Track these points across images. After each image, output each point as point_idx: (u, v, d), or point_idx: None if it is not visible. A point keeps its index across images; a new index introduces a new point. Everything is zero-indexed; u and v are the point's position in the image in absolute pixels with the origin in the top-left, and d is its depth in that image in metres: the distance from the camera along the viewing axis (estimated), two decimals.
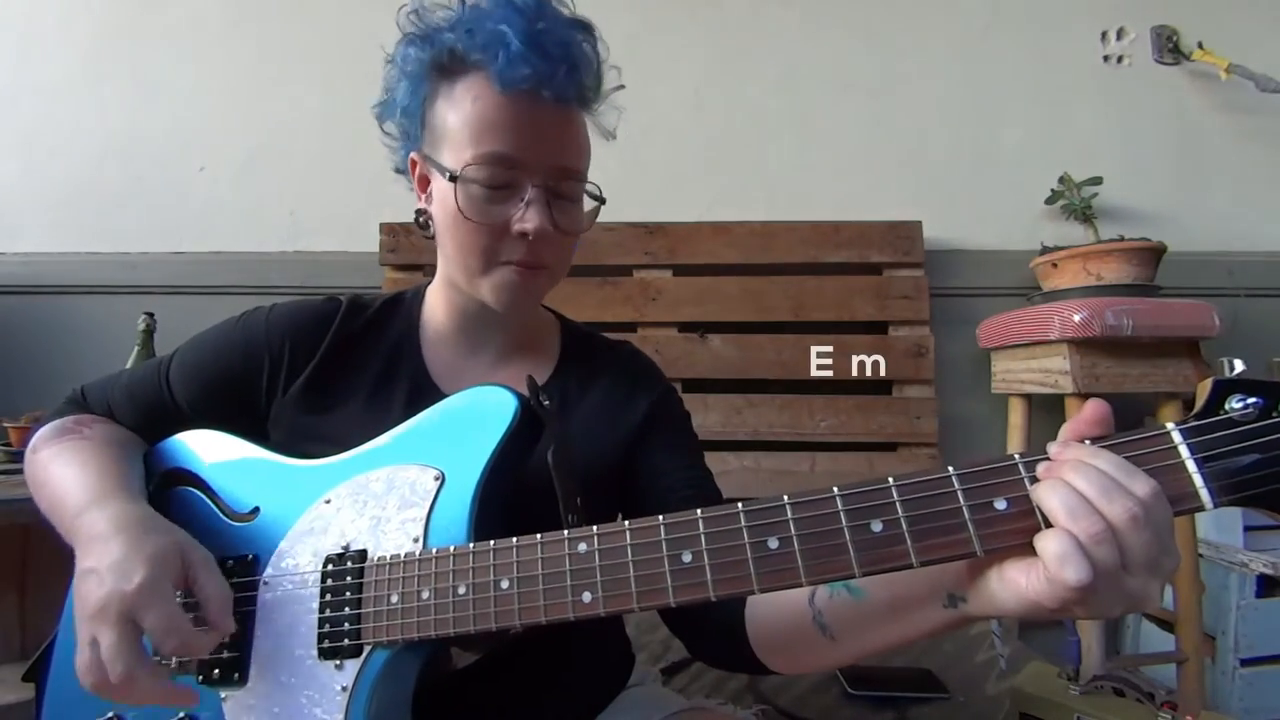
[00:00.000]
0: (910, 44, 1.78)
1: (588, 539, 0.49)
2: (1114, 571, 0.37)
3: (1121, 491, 0.38)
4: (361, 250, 1.70)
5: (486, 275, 0.64)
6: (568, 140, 0.64)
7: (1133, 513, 0.37)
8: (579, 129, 0.65)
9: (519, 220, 0.61)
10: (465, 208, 0.61)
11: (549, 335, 0.77)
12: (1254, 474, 0.37)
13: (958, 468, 0.42)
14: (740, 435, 1.59)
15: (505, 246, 0.63)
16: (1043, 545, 0.38)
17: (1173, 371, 1.37)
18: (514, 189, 0.62)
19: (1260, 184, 1.74)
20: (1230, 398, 0.39)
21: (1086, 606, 0.38)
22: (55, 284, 1.72)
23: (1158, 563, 0.38)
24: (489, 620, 0.50)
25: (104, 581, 0.50)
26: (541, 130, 0.62)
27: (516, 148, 0.61)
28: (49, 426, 0.69)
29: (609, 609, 0.48)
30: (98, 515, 0.55)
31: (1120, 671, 1.00)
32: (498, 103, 0.60)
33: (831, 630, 0.52)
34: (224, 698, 0.57)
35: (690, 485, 0.69)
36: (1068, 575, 0.37)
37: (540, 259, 0.64)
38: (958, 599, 0.45)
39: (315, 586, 0.57)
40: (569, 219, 0.65)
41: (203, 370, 0.70)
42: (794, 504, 0.45)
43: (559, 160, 0.63)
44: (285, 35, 1.78)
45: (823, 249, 1.66)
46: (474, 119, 0.61)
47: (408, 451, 0.60)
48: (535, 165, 0.62)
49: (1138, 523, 0.37)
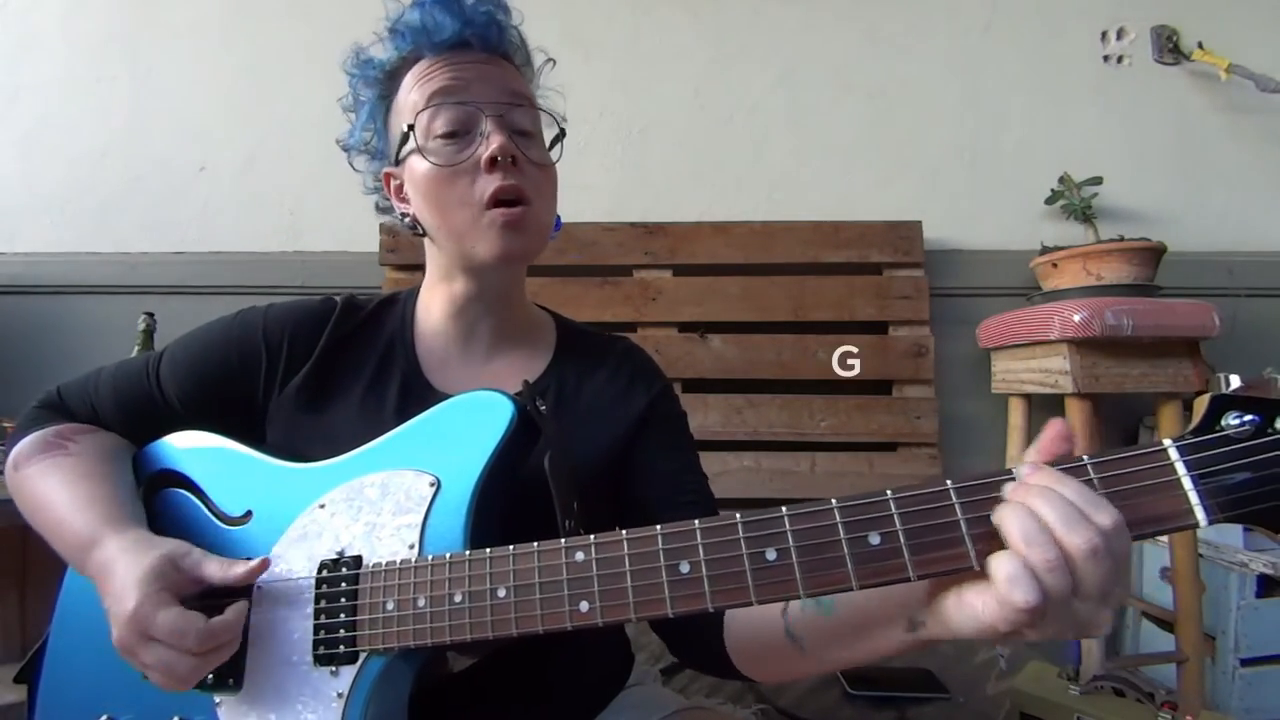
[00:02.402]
0: (910, 44, 1.78)
1: (585, 548, 0.49)
2: (1065, 599, 0.38)
3: (1084, 523, 0.38)
4: (361, 250, 1.70)
5: (474, 228, 0.64)
6: (509, 76, 0.67)
7: (1093, 544, 0.37)
8: (517, 75, 0.68)
9: (484, 150, 0.63)
10: (434, 159, 0.63)
11: (543, 330, 0.77)
12: (1248, 491, 0.38)
13: (956, 480, 0.42)
14: (740, 435, 1.59)
15: (479, 187, 0.63)
16: (995, 566, 0.39)
17: (1173, 371, 1.37)
18: (472, 131, 0.64)
19: (1260, 184, 1.74)
20: (1227, 414, 0.39)
21: (1036, 629, 0.39)
22: (55, 284, 1.72)
23: (1110, 593, 0.38)
24: (485, 629, 0.50)
25: (115, 616, 0.53)
26: (478, 70, 0.65)
27: (457, 83, 0.64)
28: (29, 440, 0.67)
29: (606, 619, 0.48)
30: (98, 555, 0.57)
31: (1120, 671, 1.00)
32: (432, 63, 0.65)
33: (802, 642, 0.54)
34: (218, 703, 0.56)
35: (684, 490, 0.69)
36: (1016, 597, 0.37)
37: (517, 191, 0.63)
38: (918, 623, 0.45)
39: (310, 592, 0.56)
40: (534, 152, 0.66)
41: (198, 366, 0.70)
42: (792, 515, 0.45)
43: (504, 90, 0.65)
44: (285, 35, 1.78)
45: (823, 249, 1.66)
46: (417, 90, 0.65)
47: (403, 456, 0.59)
48: (482, 97, 0.64)
49: (1097, 554, 0.37)
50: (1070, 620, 0.38)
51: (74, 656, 0.63)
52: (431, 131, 0.64)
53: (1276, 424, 0.38)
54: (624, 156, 1.75)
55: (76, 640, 0.63)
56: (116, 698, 0.59)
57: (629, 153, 1.75)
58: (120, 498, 0.63)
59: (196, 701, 0.57)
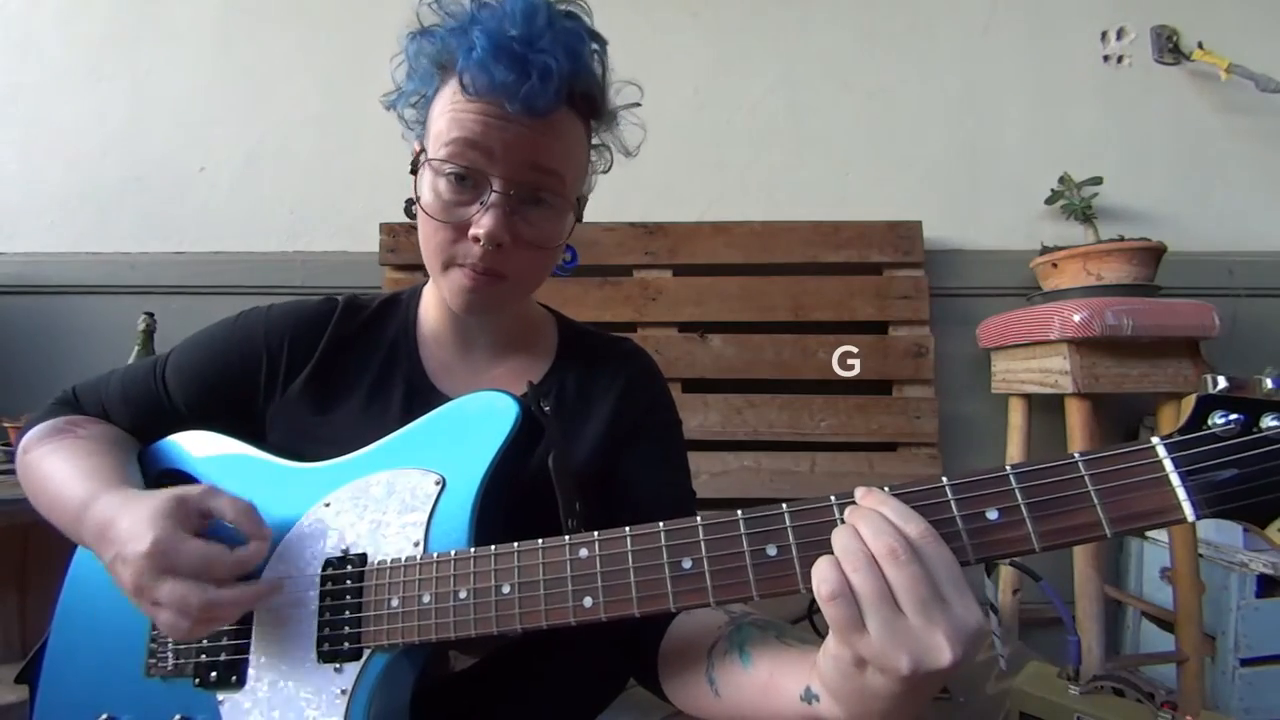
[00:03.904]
0: (910, 44, 1.78)
1: (589, 544, 0.50)
2: (879, 600, 0.39)
3: (890, 530, 0.41)
4: (361, 250, 1.70)
5: (444, 275, 0.64)
6: (540, 149, 0.60)
7: (890, 546, 0.40)
8: (557, 139, 0.61)
9: (475, 224, 0.60)
10: (428, 204, 0.61)
11: (545, 331, 0.77)
12: (1234, 487, 0.39)
13: (951, 478, 0.43)
14: (740, 435, 1.58)
15: (461, 249, 0.61)
16: (814, 568, 0.42)
17: (1173, 371, 1.37)
18: (478, 191, 0.60)
19: (1260, 184, 1.74)
20: (1213, 413, 0.40)
21: (869, 644, 0.39)
22: (55, 284, 1.72)
23: (933, 607, 0.39)
24: (490, 625, 0.50)
25: (127, 560, 0.52)
26: (508, 138, 0.58)
27: (482, 141, 0.58)
28: (40, 427, 0.68)
29: (610, 614, 0.48)
30: (98, 510, 0.56)
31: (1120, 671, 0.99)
32: (467, 105, 0.58)
33: (717, 687, 0.55)
34: (221, 700, 0.56)
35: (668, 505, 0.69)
36: (821, 589, 0.40)
37: (495, 267, 0.61)
38: (812, 694, 0.46)
39: (315, 590, 0.56)
40: (536, 230, 0.62)
41: (200, 369, 0.70)
42: (792, 512, 0.45)
43: (527, 167, 0.60)
44: (285, 35, 1.78)
45: (823, 249, 1.66)
46: (449, 117, 0.59)
47: (408, 455, 0.60)
48: (501, 163, 0.59)
49: (895, 555, 0.39)
50: (902, 635, 0.39)
51: (74, 656, 0.63)
52: (443, 171, 0.60)
53: (1261, 423, 0.39)
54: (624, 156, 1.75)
55: (77, 640, 0.63)
56: (117, 697, 0.60)
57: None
58: (127, 471, 0.64)
59: (199, 699, 0.57)
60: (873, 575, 0.40)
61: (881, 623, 0.39)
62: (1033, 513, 0.41)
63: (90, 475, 0.60)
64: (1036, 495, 0.42)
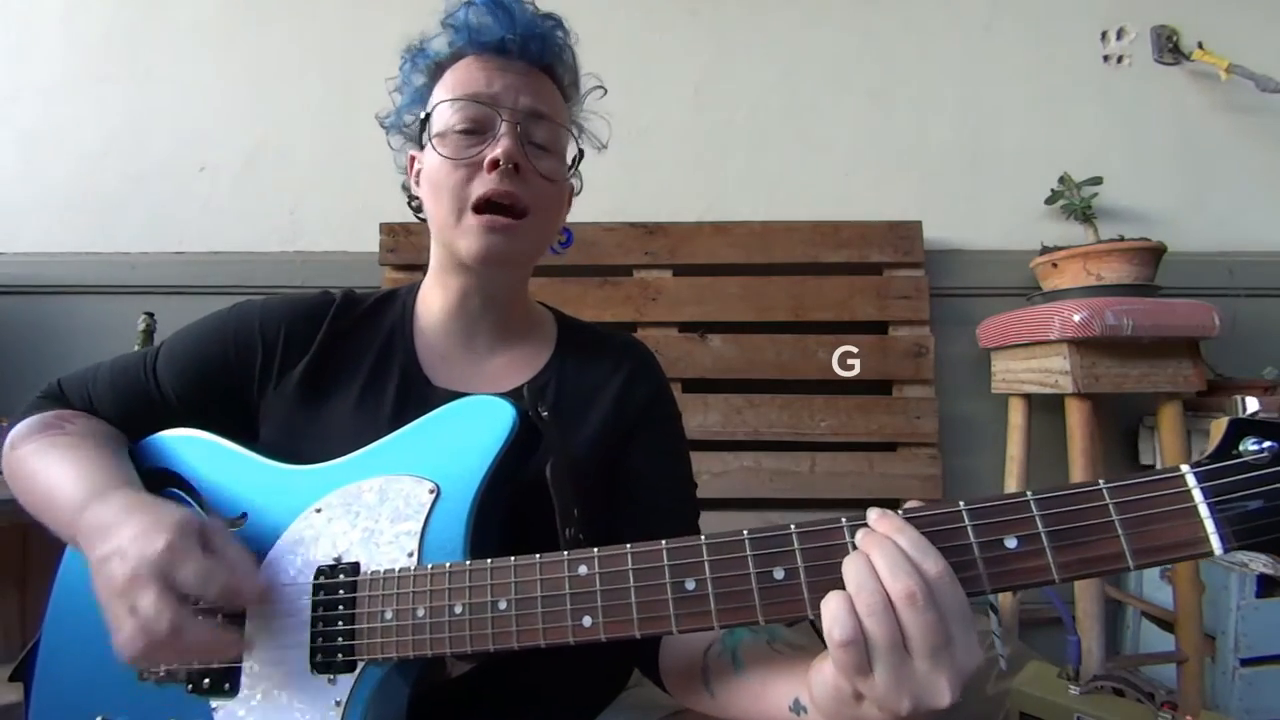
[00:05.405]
0: (910, 44, 1.78)
1: (588, 561, 0.48)
2: (891, 648, 0.38)
3: (906, 569, 0.39)
4: (361, 250, 1.70)
5: (459, 221, 0.64)
6: (540, 90, 0.67)
7: (909, 590, 0.38)
8: (548, 91, 0.68)
9: (490, 150, 0.63)
10: (442, 150, 0.64)
11: (544, 326, 0.77)
12: (1266, 520, 0.36)
13: (968, 503, 0.42)
14: (740, 435, 1.58)
15: (477, 184, 0.63)
16: (825, 604, 0.40)
17: (1173, 371, 1.37)
18: (485, 132, 0.65)
19: (1260, 184, 1.74)
20: (1245, 439, 0.38)
21: (872, 687, 0.39)
22: (55, 284, 1.72)
23: (942, 651, 0.38)
24: (486, 641, 0.49)
25: (128, 555, 0.49)
26: (511, 78, 0.65)
27: (485, 85, 0.65)
28: (27, 422, 0.66)
29: (610, 634, 0.47)
30: (101, 507, 0.55)
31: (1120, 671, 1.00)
32: (471, 60, 0.66)
33: (712, 688, 0.56)
34: (215, 707, 0.56)
35: (666, 498, 0.71)
36: (835, 634, 0.39)
37: (511, 197, 0.63)
38: (801, 706, 0.47)
39: (307, 599, 0.55)
40: (544, 165, 0.66)
41: (194, 360, 0.69)
42: (800, 533, 0.44)
43: (530, 102, 0.65)
44: (285, 35, 1.78)
45: (823, 249, 1.66)
46: (452, 81, 0.67)
47: (401, 461, 0.59)
48: (505, 103, 0.64)
49: (914, 601, 0.38)
50: (907, 680, 0.39)
51: (68, 656, 0.62)
52: (450, 125, 0.65)
53: None
54: (624, 156, 1.75)
55: (71, 640, 0.62)
56: (111, 700, 0.59)
57: (629, 153, 1.74)
58: (123, 467, 0.63)
59: (192, 706, 0.56)
60: (888, 621, 0.38)
61: (889, 669, 0.39)
62: (1053, 542, 0.39)
63: (93, 472, 0.59)
64: (1058, 524, 0.39)
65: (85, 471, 0.60)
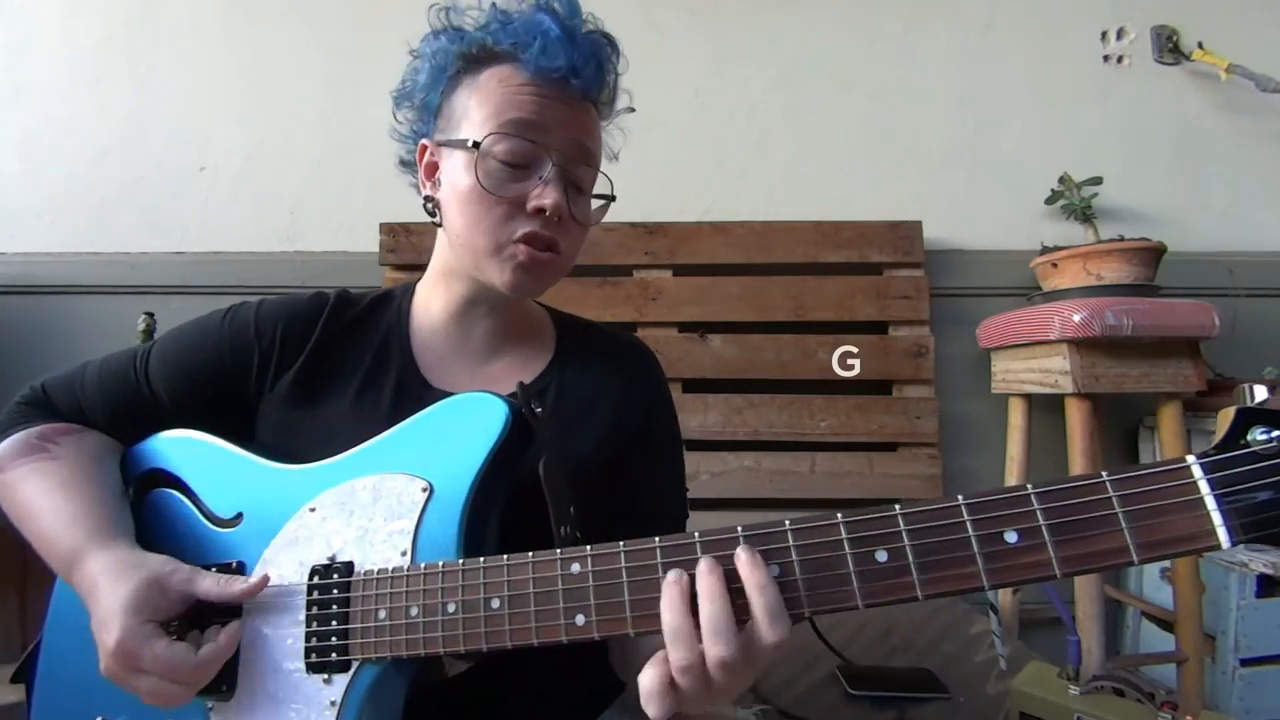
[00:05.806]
0: (910, 44, 1.78)
1: (581, 559, 0.48)
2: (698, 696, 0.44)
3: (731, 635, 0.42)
4: (361, 250, 1.70)
5: (497, 255, 0.63)
6: (589, 128, 0.66)
7: (723, 659, 0.42)
8: (595, 124, 0.68)
9: (537, 196, 0.62)
10: (484, 179, 0.62)
11: (542, 327, 0.77)
12: (1275, 512, 0.35)
13: (967, 497, 0.41)
14: (740, 435, 1.58)
15: (518, 223, 0.63)
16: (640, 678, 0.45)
17: (1173, 371, 1.37)
18: (533, 167, 0.63)
19: (1260, 184, 1.74)
20: (1253, 429, 0.36)
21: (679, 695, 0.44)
22: (55, 284, 1.72)
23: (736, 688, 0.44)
24: (479, 640, 0.50)
25: (102, 645, 0.53)
26: (565, 114, 0.63)
27: (540, 119, 0.62)
28: (11, 442, 0.65)
29: (603, 632, 0.47)
30: (79, 576, 0.57)
31: (1120, 671, 0.99)
32: (525, 83, 0.62)
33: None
34: (210, 707, 0.56)
35: (667, 500, 0.72)
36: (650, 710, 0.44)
37: (551, 243, 0.64)
38: None
39: (302, 598, 0.55)
40: (580, 210, 0.66)
41: (189, 361, 0.69)
42: (795, 530, 0.44)
43: (577, 146, 0.64)
44: (285, 35, 1.78)
45: (823, 249, 1.66)
46: (499, 97, 0.62)
47: (395, 459, 0.59)
48: (557, 142, 0.63)
49: (727, 668, 0.42)
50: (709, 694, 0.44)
51: (68, 657, 0.62)
52: (493, 151, 0.62)
53: None
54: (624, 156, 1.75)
55: (70, 640, 0.62)
56: (112, 700, 0.59)
57: (629, 153, 1.74)
58: (106, 506, 0.62)
59: (189, 706, 0.56)
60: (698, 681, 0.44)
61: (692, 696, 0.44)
62: (1055, 536, 0.38)
63: (71, 519, 0.59)
64: (1059, 517, 0.38)
65: (67, 518, 0.60)
